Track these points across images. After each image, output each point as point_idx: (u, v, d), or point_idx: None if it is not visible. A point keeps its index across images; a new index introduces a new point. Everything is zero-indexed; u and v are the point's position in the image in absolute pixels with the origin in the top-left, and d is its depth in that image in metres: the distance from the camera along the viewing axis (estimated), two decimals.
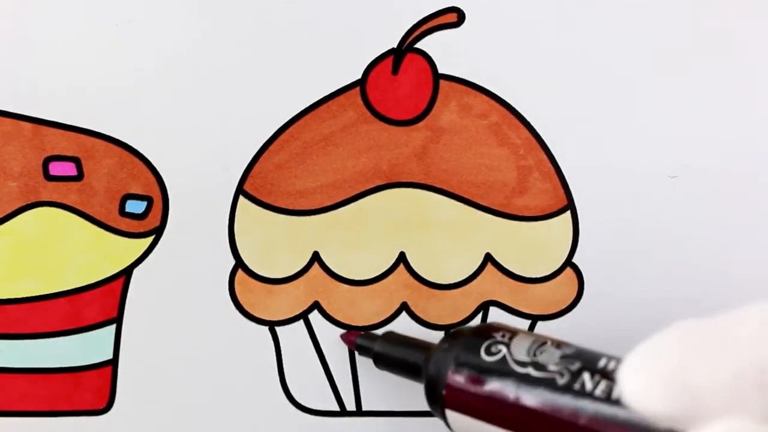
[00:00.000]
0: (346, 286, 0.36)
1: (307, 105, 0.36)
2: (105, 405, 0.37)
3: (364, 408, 0.37)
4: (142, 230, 0.36)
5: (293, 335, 0.36)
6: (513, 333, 0.30)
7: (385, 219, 0.36)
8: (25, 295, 0.36)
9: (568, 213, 0.36)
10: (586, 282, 0.36)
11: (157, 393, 0.37)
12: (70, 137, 0.36)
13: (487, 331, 0.30)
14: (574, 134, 0.35)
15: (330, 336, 0.36)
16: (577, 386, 0.27)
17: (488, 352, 0.29)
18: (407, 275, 0.36)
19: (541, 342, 0.29)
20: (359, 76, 0.35)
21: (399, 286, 0.36)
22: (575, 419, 0.26)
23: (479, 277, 0.36)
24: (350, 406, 0.37)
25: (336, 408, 0.37)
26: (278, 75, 0.35)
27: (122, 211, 0.36)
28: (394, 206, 0.36)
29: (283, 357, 0.36)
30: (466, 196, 0.36)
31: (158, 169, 0.36)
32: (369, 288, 0.36)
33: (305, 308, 0.36)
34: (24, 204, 0.36)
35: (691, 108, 0.35)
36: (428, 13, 0.35)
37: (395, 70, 0.35)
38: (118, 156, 0.36)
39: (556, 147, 0.36)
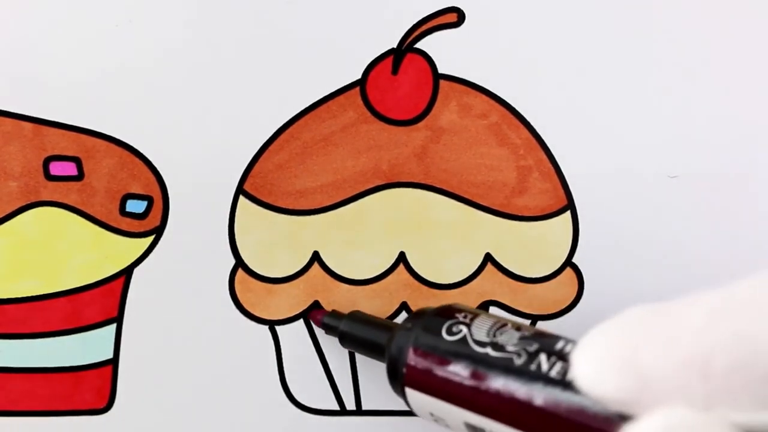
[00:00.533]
0: (346, 286, 0.36)
1: (307, 105, 0.36)
2: (105, 405, 0.37)
3: (364, 408, 0.37)
4: (142, 230, 0.36)
5: (293, 335, 0.36)
6: (474, 314, 0.30)
7: (385, 219, 0.36)
8: (25, 295, 0.36)
9: (568, 213, 0.36)
10: (586, 282, 0.36)
11: (157, 393, 0.37)
12: (70, 137, 0.36)
13: (449, 311, 0.31)
14: (574, 134, 0.35)
15: (330, 337, 0.36)
16: (533, 367, 0.27)
17: (449, 332, 0.29)
18: (407, 275, 0.36)
19: (502, 323, 0.29)
20: (359, 76, 0.35)
21: (399, 285, 0.36)
22: (530, 400, 0.27)
23: (479, 277, 0.36)
24: (350, 405, 0.37)
25: (336, 408, 0.37)
26: (278, 75, 0.35)
27: (122, 211, 0.36)
28: (394, 206, 0.36)
29: (283, 357, 0.36)
30: (466, 196, 0.36)
31: (158, 169, 0.36)
32: (369, 288, 0.36)
33: (305, 308, 0.36)
34: (24, 204, 0.36)
35: (692, 108, 0.35)
36: (428, 13, 0.35)
37: (395, 70, 0.35)
38: (119, 156, 0.36)
39: (556, 147, 0.36)
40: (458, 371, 0.29)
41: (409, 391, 0.30)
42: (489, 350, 0.28)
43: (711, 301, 0.22)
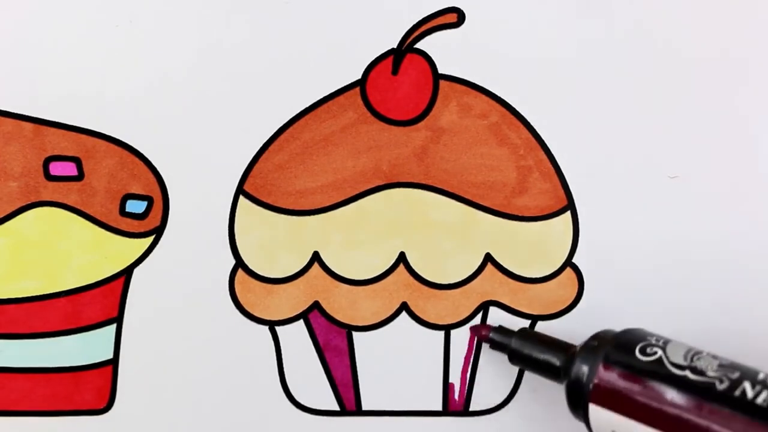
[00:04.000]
0: (346, 286, 0.36)
1: (307, 105, 0.36)
2: (105, 405, 0.37)
3: (364, 408, 0.37)
4: (142, 230, 0.36)
5: (293, 335, 0.36)
6: (666, 340, 0.30)
7: (385, 219, 0.36)
8: (25, 295, 0.36)
9: (568, 213, 0.36)
10: (586, 282, 0.36)
11: (157, 393, 0.37)
12: (70, 137, 0.36)
13: (639, 334, 0.31)
14: (574, 134, 0.35)
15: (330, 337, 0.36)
16: (737, 393, 0.27)
17: (643, 353, 0.30)
18: (407, 275, 0.36)
19: (697, 350, 0.29)
20: (359, 76, 0.35)
21: (399, 285, 0.36)
22: (732, 424, 0.27)
23: (479, 277, 0.36)
24: (350, 406, 0.37)
25: (336, 408, 0.37)
26: (278, 75, 0.35)
27: (122, 211, 0.36)
28: (394, 206, 0.36)
29: (283, 357, 0.36)
30: (466, 196, 0.36)
31: (158, 169, 0.36)
32: (369, 288, 0.36)
33: (305, 308, 0.36)
34: (24, 204, 0.36)
35: (692, 108, 0.35)
36: (428, 13, 0.35)
37: (395, 71, 0.35)
38: (119, 156, 0.36)
39: (556, 147, 0.36)
40: (654, 391, 0.28)
41: (593, 408, 0.30)
42: (688, 373, 0.28)
43: None
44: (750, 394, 0.27)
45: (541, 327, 0.36)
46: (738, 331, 0.35)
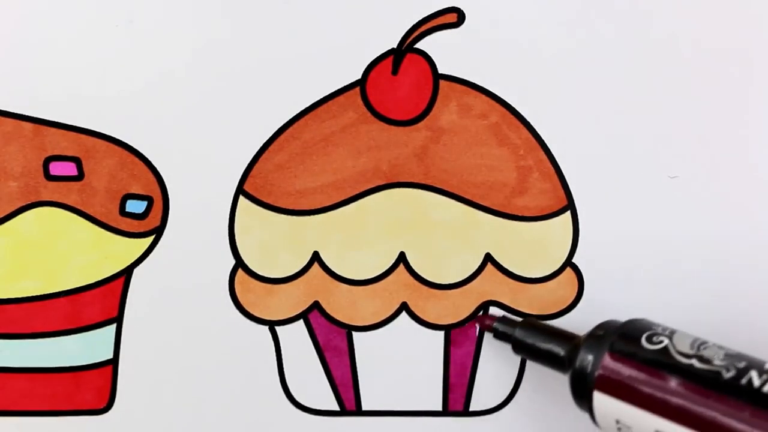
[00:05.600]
0: (346, 286, 0.36)
1: (307, 105, 0.36)
2: (105, 405, 0.37)
3: (364, 408, 0.37)
4: (142, 230, 0.36)
5: (293, 335, 0.36)
6: (672, 330, 0.30)
7: (385, 219, 0.36)
8: (25, 295, 0.36)
9: (568, 213, 0.36)
10: (586, 282, 0.36)
11: (157, 393, 0.37)
12: (70, 137, 0.36)
13: (645, 323, 0.31)
14: (574, 134, 0.35)
15: (330, 337, 0.36)
16: (743, 381, 0.27)
17: (649, 341, 0.29)
18: (407, 275, 0.36)
19: (704, 341, 0.29)
20: (359, 76, 0.35)
21: (399, 286, 0.36)
22: (739, 412, 0.27)
23: (479, 277, 0.36)
24: (350, 406, 0.37)
25: (336, 408, 0.37)
26: (278, 75, 0.35)
27: (122, 211, 0.36)
28: (394, 206, 0.36)
29: (283, 357, 0.36)
30: (466, 196, 0.36)
31: (158, 169, 0.36)
32: (369, 288, 0.36)
33: (305, 308, 0.36)
34: (24, 204, 0.36)
35: (692, 108, 0.35)
36: (428, 13, 0.35)
37: (395, 71, 0.35)
38: (119, 156, 0.36)
39: (556, 147, 0.36)
40: (660, 379, 0.28)
41: (597, 395, 0.30)
42: (694, 362, 0.28)
43: None
44: (757, 382, 0.27)
45: None
46: (738, 330, 0.35)
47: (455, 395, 0.36)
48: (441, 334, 0.36)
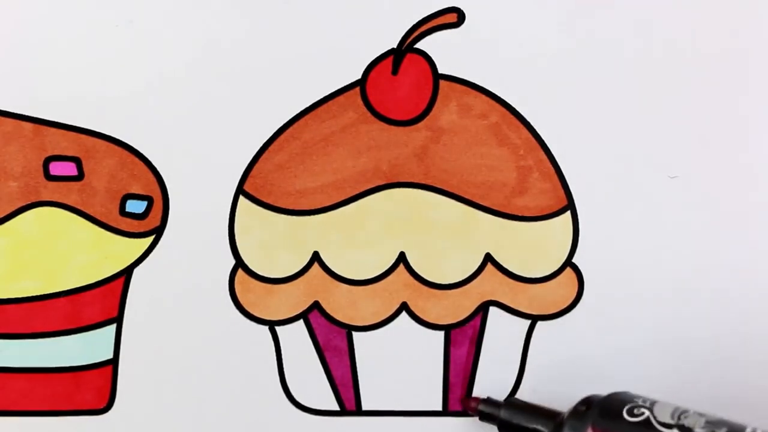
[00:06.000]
0: (346, 286, 0.36)
1: (307, 105, 0.36)
2: (105, 405, 0.37)
3: (364, 408, 0.37)
4: (142, 230, 0.36)
5: (293, 335, 0.36)
6: (653, 401, 0.31)
7: (385, 219, 0.36)
8: (25, 295, 0.36)
9: (568, 213, 0.36)
10: (586, 282, 0.36)
11: (157, 393, 0.37)
12: (70, 137, 0.36)
13: (626, 396, 0.31)
14: (574, 134, 0.35)
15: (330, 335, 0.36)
16: None
17: (630, 414, 0.30)
18: (407, 275, 0.36)
19: (684, 409, 0.30)
20: (359, 76, 0.35)
21: (399, 285, 0.36)
22: None
23: (479, 277, 0.36)
24: (350, 406, 0.37)
25: (336, 408, 0.37)
26: (278, 75, 0.35)
27: (122, 211, 0.36)
28: (394, 206, 0.36)
29: (283, 357, 0.36)
30: (466, 196, 0.36)
31: (158, 169, 0.36)
32: (369, 288, 0.36)
33: (305, 308, 0.36)
34: (25, 204, 0.36)
35: (692, 108, 0.35)
36: (428, 13, 0.35)
37: (395, 71, 0.35)
38: (119, 156, 0.36)
39: (556, 147, 0.36)
40: None
41: None
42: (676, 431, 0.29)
43: None
44: None
45: (541, 327, 0.36)
46: (738, 328, 0.35)
47: (455, 395, 0.36)
48: (441, 334, 0.36)
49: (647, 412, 0.30)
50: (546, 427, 0.33)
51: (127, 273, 0.36)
